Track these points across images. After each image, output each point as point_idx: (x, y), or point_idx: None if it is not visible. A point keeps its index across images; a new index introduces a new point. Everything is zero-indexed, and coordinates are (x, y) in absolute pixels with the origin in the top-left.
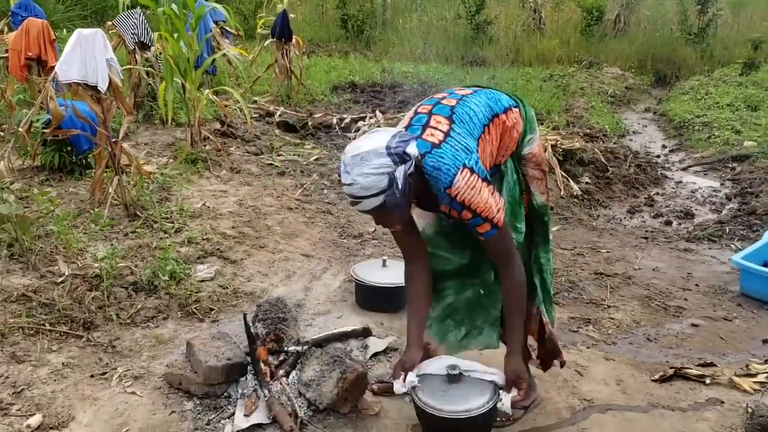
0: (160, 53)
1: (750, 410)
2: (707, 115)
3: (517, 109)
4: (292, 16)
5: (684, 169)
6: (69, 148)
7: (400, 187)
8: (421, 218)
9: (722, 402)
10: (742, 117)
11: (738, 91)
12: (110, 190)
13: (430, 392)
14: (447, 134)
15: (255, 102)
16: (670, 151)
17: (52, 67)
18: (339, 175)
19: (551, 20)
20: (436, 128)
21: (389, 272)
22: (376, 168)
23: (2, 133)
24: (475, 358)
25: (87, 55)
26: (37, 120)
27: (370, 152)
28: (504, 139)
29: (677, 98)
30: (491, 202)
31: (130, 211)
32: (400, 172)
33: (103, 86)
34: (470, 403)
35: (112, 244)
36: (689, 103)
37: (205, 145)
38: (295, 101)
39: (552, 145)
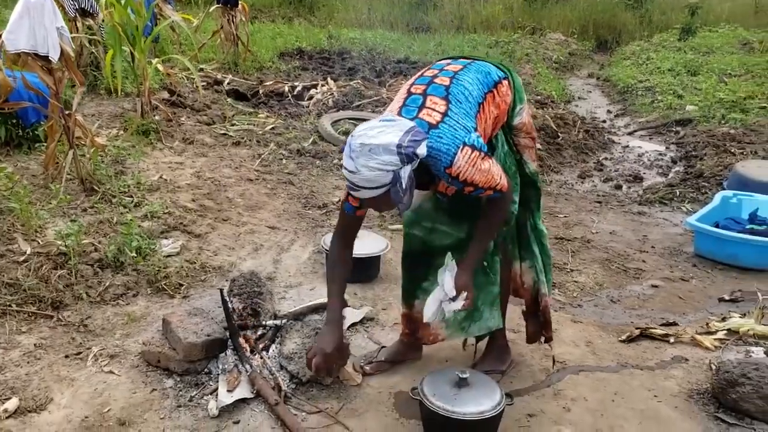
0: (104, 21)
1: (715, 367)
2: (650, 80)
3: (506, 81)
4: None
5: (630, 134)
6: (15, 121)
7: (404, 186)
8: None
9: (686, 359)
10: (683, 81)
11: (678, 56)
12: (65, 165)
13: (441, 396)
14: (444, 114)
15: (201, 70)
16: (615, 116)
17: None
18: (299, 145)
19: None
20: (433, 109)
21: (360, 242)
22: (382, 164)
23: None
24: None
25: (36, 24)
26: None
27: (379, 147)
28: (497, 114)
29: (619, 63)
30: (493, 171)
31: (87, 186)
32: (405, 171)
33: (54, 56)
34: (482, 405)
35: (72, 221)
36: (631, 68)
37: (154, 116)
38: (242, 69)
39: None
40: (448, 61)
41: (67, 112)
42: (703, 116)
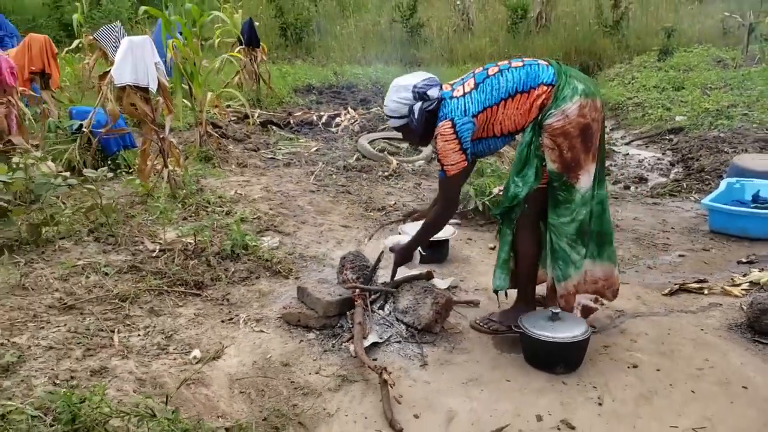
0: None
1: (749, 301)
2: (638, 97)
3: (549, 87)
4: (257, 24)
5: (627, 144)
6: (98, 151)
7: (416, 117)
8: None
9: (721, 305)
10: (669, 96)
11: (660, 75)
12: (162, 179)
13: (540, 327)
14: (465, 94)
15: (228, 107)
16: (610, 129)
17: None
18: (344, 162)
19: (479, 20)
20: (463, 87)
21: None
22: (401, 99)
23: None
24: None
25: (137, 60)
26: (70, 125)
27: (402, 86)
28: (522, 112)
29: (605, 84)
30: (450, 156)
31: (179, 200)
32: (416, 106)
33: (153, 87)
34: (574, 332)
35: (182, 225)
36: (618, 87)
37: (209, 144)
38: (265, 104)
39: None
40: (519, 58)
41: (161, 136)
42: (692, 124)
